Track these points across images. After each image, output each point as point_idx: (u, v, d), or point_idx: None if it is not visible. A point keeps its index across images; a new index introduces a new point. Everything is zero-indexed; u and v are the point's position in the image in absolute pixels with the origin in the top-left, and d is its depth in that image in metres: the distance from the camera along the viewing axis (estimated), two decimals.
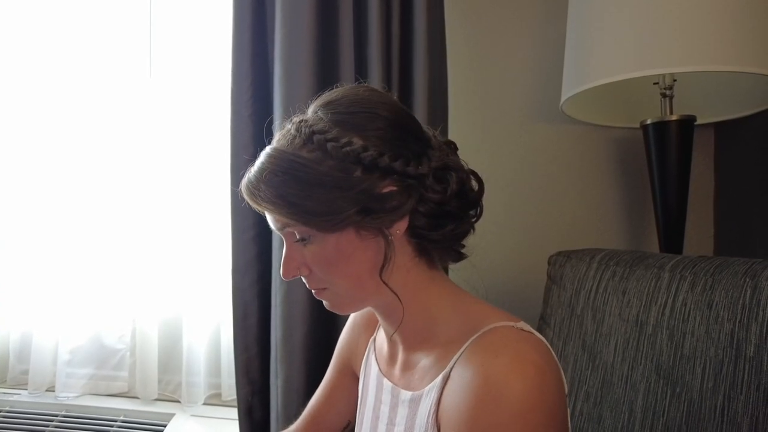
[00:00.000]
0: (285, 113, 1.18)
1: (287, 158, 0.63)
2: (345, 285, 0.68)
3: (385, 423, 0.73)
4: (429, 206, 0.65)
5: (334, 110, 0.66)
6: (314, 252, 0.66)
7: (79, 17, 1.64)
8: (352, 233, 0.64)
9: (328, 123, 0.64)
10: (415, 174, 0.64)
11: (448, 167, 0.67)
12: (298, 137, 0.64)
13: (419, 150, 0.66)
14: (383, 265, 0.65)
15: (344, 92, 0.69)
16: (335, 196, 0.62)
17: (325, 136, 0.63)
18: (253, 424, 1.28)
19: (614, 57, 1.08)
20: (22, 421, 1.57)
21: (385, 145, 0.64)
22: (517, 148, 1.44)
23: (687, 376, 0.79)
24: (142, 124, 1.62)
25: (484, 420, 0.57)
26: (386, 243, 0.65)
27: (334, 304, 0.71)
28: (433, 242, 0.67)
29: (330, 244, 0.64)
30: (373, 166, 0.63)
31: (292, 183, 0.62)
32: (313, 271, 0.68)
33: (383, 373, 0.77)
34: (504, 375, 0.57)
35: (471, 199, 0.69)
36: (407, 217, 0.65)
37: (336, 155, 0.62)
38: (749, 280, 0.76)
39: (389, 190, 0.63)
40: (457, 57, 1.41)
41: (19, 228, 1.70)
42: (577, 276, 1.01)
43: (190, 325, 1.56)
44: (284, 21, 1.19)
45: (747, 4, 1.02)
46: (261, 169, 0.64)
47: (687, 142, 1.13)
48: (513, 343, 0.61)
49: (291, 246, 0.68)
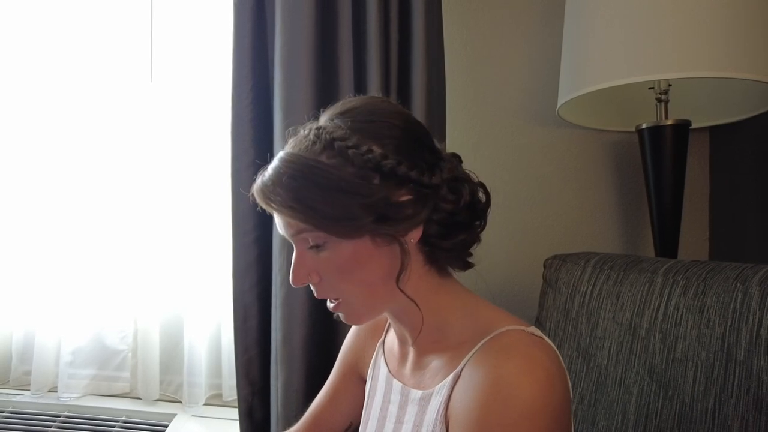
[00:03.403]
0: (285, 118, 1.19)
1: (307, 163, 0.64)
2: (358, 293, 0.68)
3: (393, 422, 0.74)
4: (442, 215, 0.67)
5: (353, 119, 0.67)
6: (328, 259, 0.66)
7: (80, 21, 1.65)
8: (368, 241, 0.65)
9: (348, 131, 0.65)
10: (430, 184, 0.65)
11: (460, 179, 0.69)
12: (318, 143, 0.65)
13: (432, 161, 0.68)
14: (399, 273, 0.66)
15: (361, 102, 0.70)
16: (354, 203, 0.62)
17: (346, 143, 0.64)
18: (254, 425, 1.30)
19: (610, 62, 1.09)
20: (25, 421, 1.58)
21: (402, 155, 0.65)
22: (513, 152, 1.45)
23: (679, 379, 0.81)
24: (144, 128, 1.63)
25: (492, 419, 0.58)
26: (402, 251, 0.65)
27: (350, 314, 0.71)
28: (444, 250, 0.69)
29: (346, 251, 0.65)
30: (391, 174, 0.64)
31: (311, 188, 0.63)
32: (323, 279, 0.68)
33: (393, 374, 0.78)
34: (514, 376, 0.59)
35: (479, 210, 0.70)
36: (421, 226, 0.66)
37: (356, 162, 0.63)
38: (740, 284, 0.77)
39: (406, 199, 0.64)
40: (454, 61, 1.43)
41: (21, 230, 1.71)
42: (572, 279, 1.03)
43: (191, 326, 1.57)
44: (284, 26, 1.20)
45: (741, 12, 1.03)
46: (279, 173, 0.65)
47: (682, 146, 1.14)
48: (524, 347, 0.63)
49: (302, 252, 0.68)
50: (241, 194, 1.26)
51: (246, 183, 1.26)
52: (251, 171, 1.27)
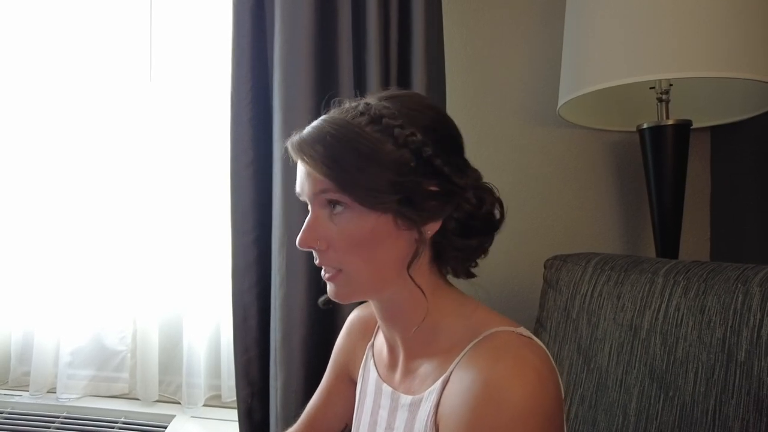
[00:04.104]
0: (284, 117, 1.19)
1: (353, 129, 0.65)
2: (363, 268, 0.67)
3: (383, 427, 0.74)
4: (461, 215, 0.68)
5: (402, 104, 0.68)
6: (347, 227, 0.66)
7: (80, 21, 1.65)
8: (391, 219, 0.66)
9: (396, 112, 0.67)
10: (459, 184, 0.67)
11: (486, 188, 0.71)
12: (366, 115, 0.67)
13: (463, 165, 0.70)
14: (412, 260, 0.66)
15: (409, 93, 0.75)
16: (387, 177, 0.64)
17: (394, 121, 0.65)
18: (253, 426, 1.29)
19: (611, 62, 1.08)
20: (24, 422, 1.58)
21: (440, 149, 0.67)
22: (513, 152, 1.45)
23: (679, 380, 0.80)
24: (143, 127, 1.63)
25: (484, 422, 0.58)
26: (420, 238, 0.66)
27: (343, 289, 0.69)
28: (455, 250, 0.70)
29: (367, 223, 0.65)
30: (427, 163, 0.65)
31: (351, 152, 0.64)
32: (330, 247, 0.67)
33: (382, 378, 0.78)
34: (505, 379, 0.59)
35: (492, 224, 0.71)
36: (441, 222, 0.67)
37: (399, 141, 0.65)
38: (741, 285, 0.77)
39: (434, 190, 0.66)
40: (454, 61, 1.42)
41: (20, 230, 1.70)
42: (572, 280, 1.02)
43: (191, 327, 1.57)
44: (283, 26, 1.19)
45: (742, 12, 1.02)
46: (322, 131, 0.66)
47: (683, 146, 1.14)
48: (514, 348, 0.63)
49: (317, 217, 0.68)
50: (241, 194, 1.26)
51: (245, 182, 1.27)
52: (250, 170, 1.27)
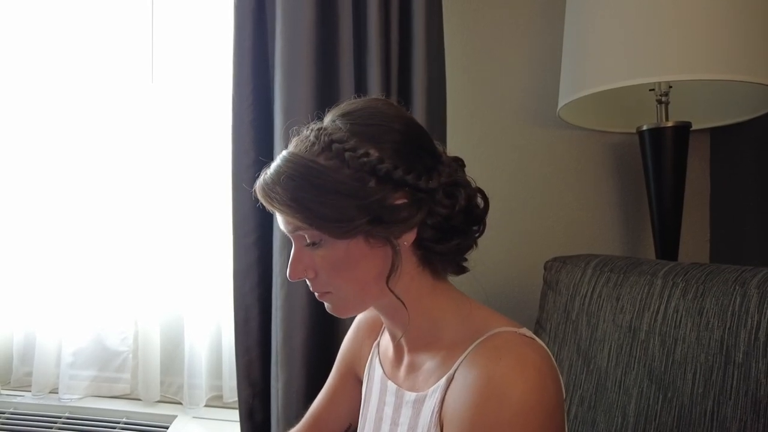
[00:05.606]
0: (285, 119, 1.19)
1: (305, 164, 0.65)
2: (350, 289, 0.70)
3: (388, 424, 0.75)
4: (436, 220, 0.67)
5: (353, 121, 0.68)
6: (323, 256, 0.68)
7: (81, 22, 1.66)
8: (362, 241, 0.66)
9: (347, 133, 0.66)
10: (426, 188, 0.66)
11: (457, 183, 0.69)
12: (317, 144, 0.66)
13: (431, 165, 0.69)
14: (390, 274, 0.67)
15: (363, 104, 0.71)
16: (349, 204, 0.64)
17: (344, 145, 0.65)
18: (254, 426, 1.30)
19: (610, 64, 1.09)
20: (26, 422, 1.58)
21: (400, 158, 0.66)
22: (514, 153, 1.45)
23: (678, 382, 0.81)
24: (145, 128, 1.64)
25: (486, 418, 0.59)
26: (394, 252, 0.67)
27: (336, 307, 0.73)
28: (438, 254, 0.70)
29: (339, 250, 0.66)
30: (387, 178, 0.65)
31: (308, 188, 0.64)
32: (318, 275, 0.70)
33: (388, 375, 0.79)
34: (507, 376, 0.60)
35: (476, 216, 0.71)
36: (415, 229, 0.67)
37: (353, 165, 0.64)
38: (739, 287, 0.77)
39: (401, 202, 0.66)
40: (455, 63, 1.43)
41: (22, 231, 1.71)
42: (572, 281, 1.03)
43: (192, 328, 1.57)
44: (285, 28, 1.20)
45: (742, 14, 1.03)
46: (278, 172, 0.66)
47: (682, 147, 1.14)
48: (516, 348, 0.64)
49: (300, 249, 0.70)
50: (242, 195, 1.27)
51: (247, 184, 1.27)
52: (252, 172, 1.27)
